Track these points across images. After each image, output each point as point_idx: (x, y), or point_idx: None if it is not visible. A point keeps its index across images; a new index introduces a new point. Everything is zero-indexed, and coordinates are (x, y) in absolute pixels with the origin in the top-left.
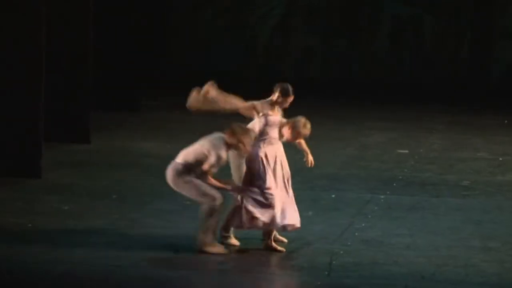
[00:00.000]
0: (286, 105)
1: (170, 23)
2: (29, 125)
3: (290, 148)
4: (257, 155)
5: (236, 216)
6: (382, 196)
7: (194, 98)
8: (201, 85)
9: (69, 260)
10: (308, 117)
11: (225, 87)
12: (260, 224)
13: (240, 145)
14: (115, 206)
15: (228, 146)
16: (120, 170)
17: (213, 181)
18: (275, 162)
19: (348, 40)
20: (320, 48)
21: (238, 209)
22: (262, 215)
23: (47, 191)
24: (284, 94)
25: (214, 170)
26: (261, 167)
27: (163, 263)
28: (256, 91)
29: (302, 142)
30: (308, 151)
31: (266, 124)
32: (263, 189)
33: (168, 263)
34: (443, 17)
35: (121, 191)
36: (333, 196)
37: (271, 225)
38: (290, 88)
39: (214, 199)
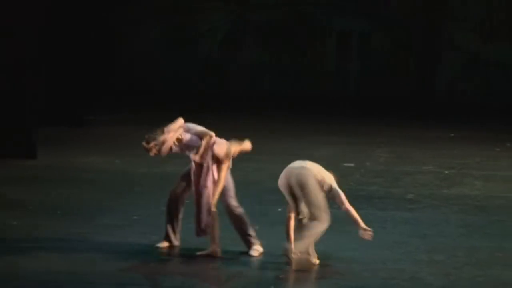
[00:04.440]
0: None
1: (116, 38)
2: None
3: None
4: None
5: None
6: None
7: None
8: (146, 101)
9: (17, 275)
10: (256, 131)
11: (172, 102)
12: None
13: None
14: (62, 222)
15: None
16: (67, 185)
17: None
18: None
19: (297, 54)
20: (268, 63)
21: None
22: None
23: None
24: None
25: None
26: None
27: (112, 278)
28: (206, 105)
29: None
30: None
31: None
32: None
33: (117, 278)
34: (389, 31)
35: (68, 207)
36: (280, 210)
37: None
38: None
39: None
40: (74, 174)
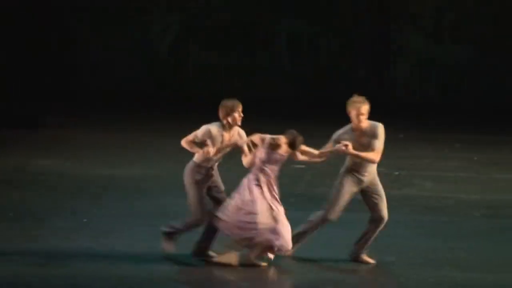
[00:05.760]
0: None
1: (74, 40)
2: None
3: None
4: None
5: None
6: None
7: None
8: (101, 103)
9: None
10: None
11: (128, 103)
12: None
13: None
14: (13, 224)
15: None
16: (17, 188)
17: None
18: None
19: (245, 56)
20: (217, 64)
21: None
22: None
23: None
24: (292, 146)
25: None
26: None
27: (60, 281)
28: (152, 106)
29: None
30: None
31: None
32: None
33: (64, 280)
34: (340, 33)
35: (19, 209)
36: None
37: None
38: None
39: None
40: (24, 177)
